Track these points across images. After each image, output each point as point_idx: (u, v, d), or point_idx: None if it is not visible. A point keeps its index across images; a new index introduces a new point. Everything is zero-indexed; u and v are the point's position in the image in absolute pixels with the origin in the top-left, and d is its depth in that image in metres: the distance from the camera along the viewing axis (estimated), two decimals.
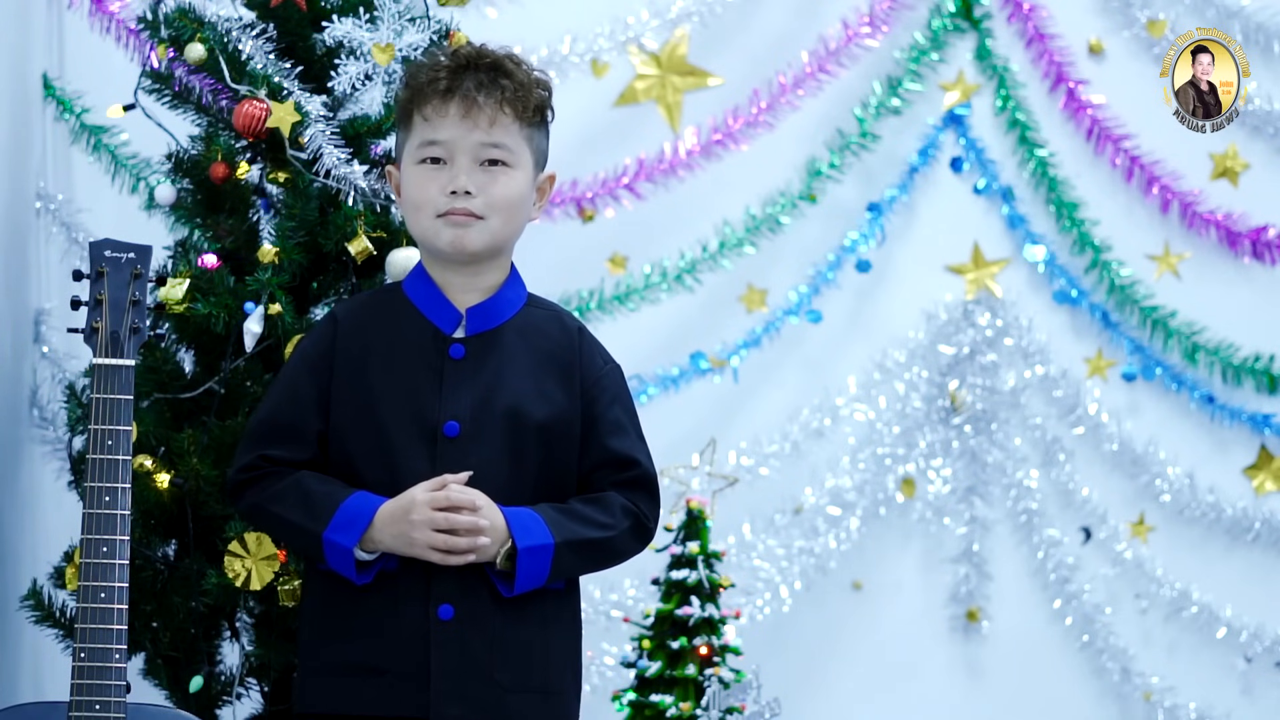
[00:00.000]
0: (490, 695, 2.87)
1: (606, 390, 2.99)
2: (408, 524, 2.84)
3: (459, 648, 2.86)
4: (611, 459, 2.97)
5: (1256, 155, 4.72)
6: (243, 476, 2.95)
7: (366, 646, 2.88)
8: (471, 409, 2.91)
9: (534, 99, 2.94)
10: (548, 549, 2.87)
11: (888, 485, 4.67)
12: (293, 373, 2.99)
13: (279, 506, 2.91)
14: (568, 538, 2.89)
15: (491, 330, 2.95)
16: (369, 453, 2.91)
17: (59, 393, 3.93)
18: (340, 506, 2.87)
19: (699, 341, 4.61)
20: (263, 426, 2.96)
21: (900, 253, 4.72)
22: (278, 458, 2.93)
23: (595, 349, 3.02)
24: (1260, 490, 4.71)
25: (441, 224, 2.92)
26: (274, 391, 3.00)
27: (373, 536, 2.86)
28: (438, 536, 2.84)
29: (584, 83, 4.56)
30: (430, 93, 2.92)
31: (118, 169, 4.23)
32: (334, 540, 2.86)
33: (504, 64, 2.94)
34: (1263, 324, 4.71)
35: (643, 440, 3.02)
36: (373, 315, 3.00)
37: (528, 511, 2.89)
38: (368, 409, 2.92)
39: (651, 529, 3.00)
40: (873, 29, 4.65)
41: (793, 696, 4.05)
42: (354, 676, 2.88)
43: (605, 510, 2.94)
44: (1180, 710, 4.64)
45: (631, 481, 2.97)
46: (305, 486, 2.90)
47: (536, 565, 2.87)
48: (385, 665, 2.87)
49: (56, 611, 3.58)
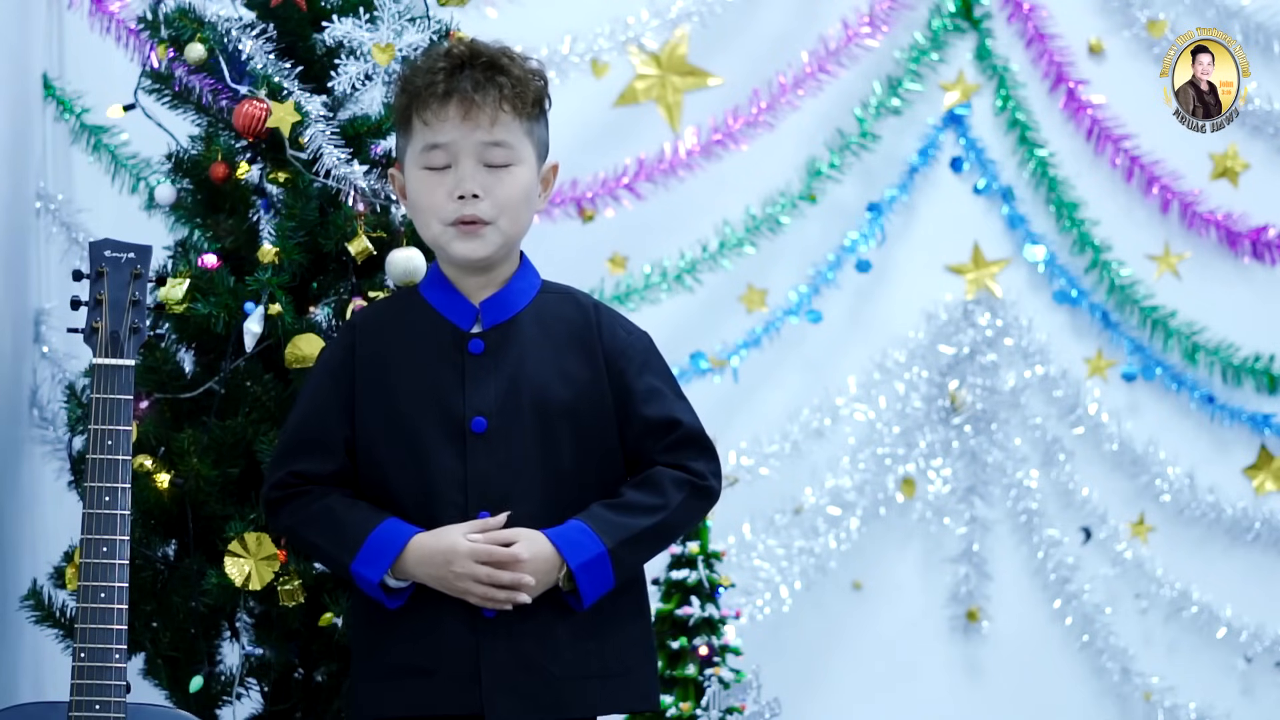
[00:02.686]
0: (543, 686, 2.87)
1: (634, 360, 2.97)
2: (449, 574, 2.85)
3: (507, 643, 2.87)
4: (653, 427, 2.95)
5: (1256, 155, 4.72)
6: (275, 494, 2.96)
7: (415, 649, 2.89)
8: (497, 402, 2.90)
9: (531, 92, 2.94)
10: (603, 557, 2.87)
11: (888, 485, 4.67)
12: (315, 384, 3.00)
13: (310, 532, 2.93)
14: (621, 537, 2.88)
15: (508, 321, 2.95)
16: (398, 456, 2.92)
17: (59, 393, 3.93)
18: (369, 538, 2.87)
19: (699, 341, 4.61)
20: (290, 441, 2.97)
21: (900, 253, 4.72)
22: (308, 472, 2.94)
23: (615, 321, 3.01)
24: (1260, 490, 4.71)
25: (452, 234, 2.92)
26: (299, 405, 3.01)
27: (405, 568, 2.87)
28: (479, 588, 2.85)
29: (584, 83, 4.56)
30: (428, 96, 2.91)
31: (118, 169, 4.24)
32: (361, 573, 2.87)
33: (499, 60, 2.93)
34: (1263, 324, 4.71)
35: (682, 399, 3.00)
36: (390, 319, 3.00)
37: (575, 524, 2.88)
38: (393, 412, 2.92)
39: (711, 485, 2.97)
40: (873, 29, 4.65)
41: (793, 696, 4.05)
42: (405, 679, 2.89)
43: (655, 490, 2.92)
44: (1180, 710, 4.64)
45: (677, 443, 2.96)
46: (335, 513, 2.91)
47: (598, 575, 2.87)
48: (434, 666, 2.87)
49: (56, 611, 3.58)
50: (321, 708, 3.51)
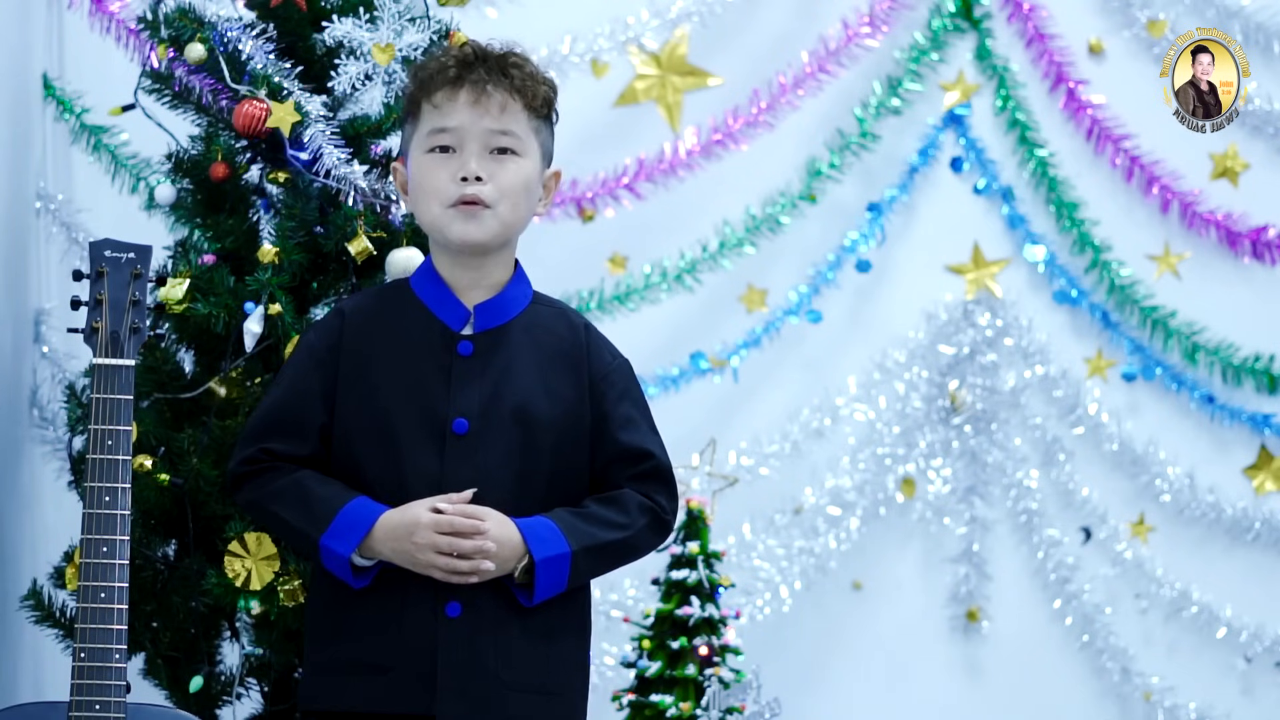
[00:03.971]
0: (494, 693, 2.86)
1: (615, 385, 2.98)
2: (411, 544, 2.83)
3: (466, 645, 2.86)
4: (624, 453, 2.96)
5: (1256, 155, 4.72)
6: (243, 469, 2.94)
7: (372, 644, 2.87)
8: (480, 406, 2.90)
9: (541, 91, 2.96)
10: (565, 557, 2.86)
11: (888, 485, 4.67)
12: (297, 366, 2.98)
13: (277, 505, 2.90)
14: (585, 544, 2.88)
15: (499, 327, 2.95)
16: (374, 450, 2.91)
17: (59, 393, 3.93)
18: (340, 512, 2.86)
19: (699, 341, 4.61)
20: (266, 419, 2.95)
21: (900, 253, 4.72)
22: (280, 452, 2.92)
23: (603, 345, 3.02)
24: (1260, 490, 4.71)
25: (452, 214, 2.91)
26: (278, 384, 2.99)
27: (372, 546, 2.86)
28: (440, 558, 2.83)
29: (584, 83, 4.56)
30: (440, 80, 2.93)
31: (118, 169, 4.23)
32: (330, 546, 2.86)
33: (511, 55, 2.97)
34: (1263, 324, 4.71)
35: (655, 433, 3.01)
36: (380, 312, 2.99)
37: (542, 520, 2.88)
38: (374, 406, 2.91)
39: (670, 521, 2.99)
40: (873, 29, 4.65)
41: (793, 696, 4.05)
42: (359, 674, 2.87)
43: (621, 510, 2.93)
44: (1180, 710, 4.64)
45: (646, 474, 2.96)
46: (305, 487, 2.89)
47: (555, 574, 2.87)
48: (390, 663, 2.86)
49: (56, 611, 3.58)
50: None
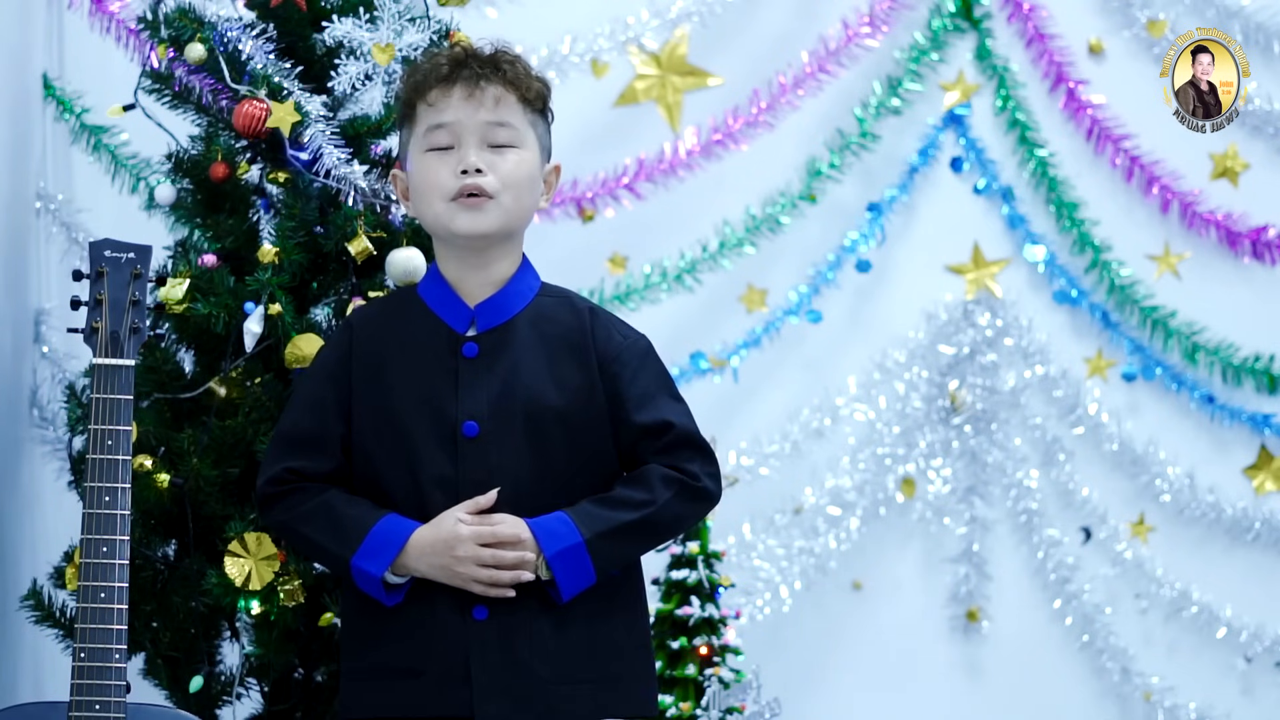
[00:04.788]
0: (533, 689, 2.86)
1: (628, 365, 2.96)
2: (452, 559, 2.84)
3: (497, 645, 2.86)
4: (645, 431, 2.94)
5: (1256, 155, 4.72)
6: (270, 490, 2.95)
7: (405, 649, 2.88)
8: (489, 406, 2.90)
9: (535, 85, 2.97)
10: (579, 547, 2.86)
11: (888, 485, 4.67)
12: (312, 382, 3.00)
13: (307, 528, 2.92)
14: (600, 529, 2.87)
15: (503, 324, 2.95)
16: (391, 457, 2.92)
17: (59, 393, 3.93)
18: (370, 532, 2.87)
19: (699, 341, 4.61)
20: (286, 438, 2.97)
21: (900, 253, 4.72)
22: (304, 470, 2.93)
23: (612, 325, 3.00)
24: (1260, 490, 4.71)
25: (455, 208, 2.92)
26: (295, 402, 3.01)
27: (405, 563, 2.87)
28: (483, 571, 2.84)
29: (584, 83, 4.56)
30: (433, 79, 2.94)
31: (118, 169, 4.23)
32: (362, 567, 2.87)
33: (503, 52, 2.98)
34: (1263, 324, 4.71)
35: (678, 400, 2.99)
36: (387, 319, 3.00)
37: (557, 515, 2.88)
38: (387, 413, 2.92)
39: (704, 485, 2.94)
40: (873, 29, 4.65)
41: (793, 696, 4.05)
42: (394, 679, 2.88)
43: (644, 487, 2.92)
44: (1180, 710, 4.64)
45: (670, 445, 2.94)
46: (334, 508, 2.91)
47: (576, 566, 2.86)
48: (424, 667, 2.87)
49: (56, 611, 3.58)
50: (321, 708, 3.51)
